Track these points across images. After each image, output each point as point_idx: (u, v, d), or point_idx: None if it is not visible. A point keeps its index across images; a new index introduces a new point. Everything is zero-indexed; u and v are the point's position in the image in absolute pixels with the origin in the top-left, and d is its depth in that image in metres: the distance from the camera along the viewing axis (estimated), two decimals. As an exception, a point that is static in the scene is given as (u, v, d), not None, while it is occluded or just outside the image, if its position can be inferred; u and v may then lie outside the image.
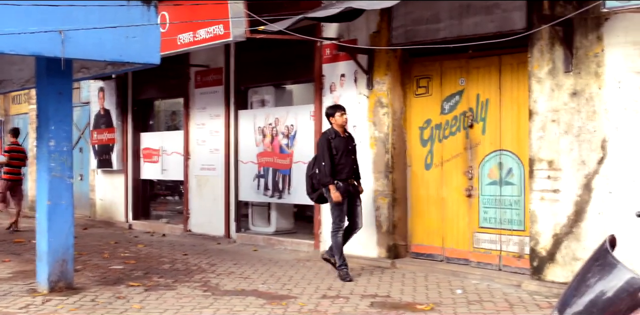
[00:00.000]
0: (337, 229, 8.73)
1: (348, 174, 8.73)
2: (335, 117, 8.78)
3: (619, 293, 2.30)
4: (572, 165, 7.68)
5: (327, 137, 8.76)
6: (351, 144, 8.89)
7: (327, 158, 8.62)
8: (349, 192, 8.72)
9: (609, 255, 2.39)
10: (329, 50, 10.35)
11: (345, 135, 8.88)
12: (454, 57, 9.08)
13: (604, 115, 7.44)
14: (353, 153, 8.87)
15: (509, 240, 8.62)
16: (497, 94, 8.73)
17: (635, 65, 7.21)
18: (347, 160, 8.75)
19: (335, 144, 8.70)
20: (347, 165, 8.73)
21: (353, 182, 8.80)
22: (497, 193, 8.73)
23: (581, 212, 7.61)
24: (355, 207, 8.81)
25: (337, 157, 8.68)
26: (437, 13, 9.04)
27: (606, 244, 2.45)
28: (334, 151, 8.68)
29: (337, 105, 9.14)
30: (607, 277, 2.35)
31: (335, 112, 8.81)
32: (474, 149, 8.96)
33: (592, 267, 2.46)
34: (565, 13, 7.52)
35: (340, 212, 8.68)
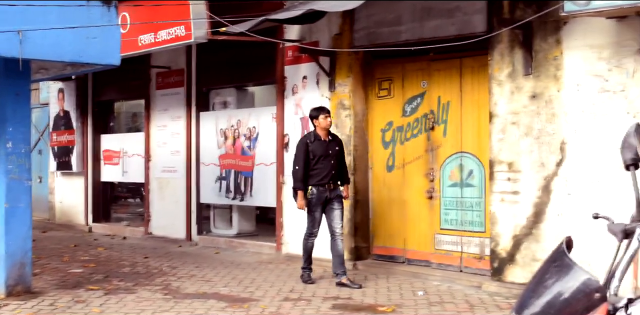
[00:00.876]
0: (309, 234, 8.63)
1: (324, 179, 8.45)
2: (319, 119, 8.53)
3: (576, 294, 2.32)
4: (532, 167, 7.75)
5: (305, 140, 8.61)
6: (333, 148, 8.58)
7: (300, 162, 8.46)
8: (325, 198, 8.47)
9: (565, 257, 2.41)
10: (291, 52, 10.34)
11: (328, 139, 8.60)
12: (416, 60, 9.12)
13: (563, 118, 7.52)
14: (335, 157, 8.57)
15: (469, 242, 8.68)
16: (458, 97, 8.79)
17: (593, 68, 7.30)
18: (326, 165, 8.47)
19: (312, 148, 8.48)
20: (324, 170, 8.45)
21: (331, 187, 8.50)
22: (458, 195, 8.78)
23: (540, 213, 7.68)
24: (333, 211, 8.53)
25: (313, 162, 8.46)
26: (399, 16, 9.07)
27: (563, 245, 2.47)
28: (311, 155, 8.47)
29: (321, 107, 8.84)
30: (564, 278, 2.37)
31: (319, 114, 8.56)
32: (435, 151, 9.01)
33: (549, 269, 2.48)
34: (525, 16, 7.59)
35: (313, 219, 8.53)
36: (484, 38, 7.89)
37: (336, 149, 8.64)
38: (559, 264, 2.42)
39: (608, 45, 7.20)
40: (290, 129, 10.34)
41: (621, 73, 7.10)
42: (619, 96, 7.12)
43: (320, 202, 8.47)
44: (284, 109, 10.43)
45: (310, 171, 8.47)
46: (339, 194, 8.61)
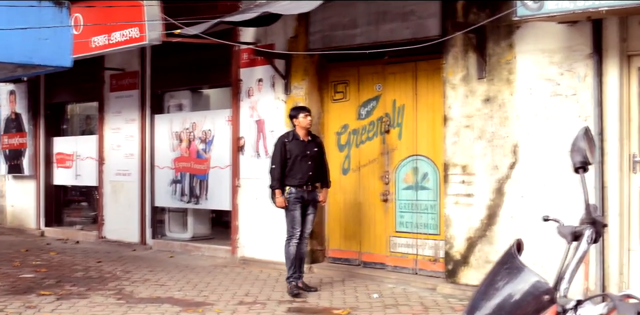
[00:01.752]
0: (290, 236, 8.25)
1: (302, 180, 8.19)
2: (299, 118, 8.27)
3: (525, 296, 2.33)
4: (486, 170, 7.82)
5: (282, 139, 8.33)
6: (311, 149, 8.32)
7: (277, 161, 8.19)
8: (302, 199, 8.21)
9: (515, 260, 2.43)
10: (246, 55, 10.30)
11: (307, 139, 8.35)
12: (371, 63, 9.15)
13: (516, 121, 7.60)
14: (313, 158, 8.30)
15: (424, 244, 8.72)
16: (413, 100, 8.84)
17: (545, 72, 7.40)
18: (303, 166, 8.20)
19: (290, 148, 8.22)
20: (300, 171, 8.19)
21: (309, 188, 8.27)
22: (413, 197, 8.83)
23: (494, 215, 7.76)
24: (307, 215, 8.30)
25: (290, 162, 8.19)
26: (354, 19, 9.10)
27: (513, 248, 2.48)
28: (288, 155, 8.20)
29: (302, 106, 8.72)
30: (514, 280, 2.39)
31: (299, 113, 8.31)
32: (390, 154, 9.04)
33: (500, 271, 2.50)
34: (478, 21, 7.67)
35: (293, 218, 8.21)
36: (438, 42, 7.95)
37: (315, 150, 8.37)
38: (510, 266, 2.43)
39: (560, 50, 7.31)
40: (246, 132, 10.30)
41: (572, 77, 7.21)
42: (570, 100, 7.22)
43: (299, 201, 8.18)
44: (239, 112, 10.39)
45: (288, 171, 8.20)
46: (315, 198, 8.34)
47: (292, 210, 8.21)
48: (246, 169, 10.29)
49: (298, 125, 8.33)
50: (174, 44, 9.68)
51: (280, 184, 8.19)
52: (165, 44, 9.46)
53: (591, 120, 7.04)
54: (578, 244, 2.51)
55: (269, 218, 9.84)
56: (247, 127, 10.30)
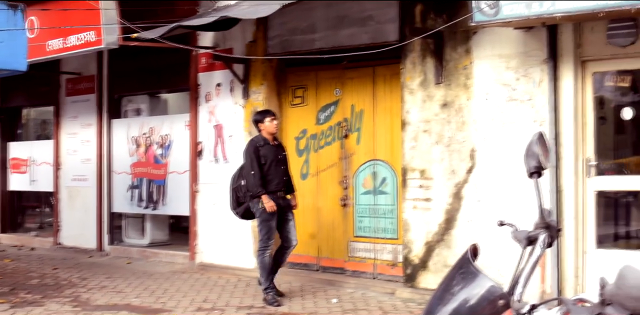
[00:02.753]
0: (264, 247, 7.90)
1: (278, 186, 7.95)
2: (265, 122, 8.01)
3: (481, 301, 2.34)
4: (443, 174, 7.87)
5: (255, 144, 8.00)
6: (281, 153, 8.13)
7: (256, 166, 7.83)
8: (278, 206, 7.89)
9: (471, 265, 2.44)
10: (204, 59, 10.24)
11: (275, 144, 8.15)
12: (330, 68, 9.16)
13: (473, 126, 7.66)
14: (283, 163, 8.13)
15: (383, 249, 8.74)
16: (371, 105, 8.86)
17: (501, 77, 7.47)
18: (277, 171, 7.98)
19: (263, 153, 7.94)
20: (276, 176, 7.96)
21: (283, 195, 8.06)
22: (372, 202, 8.84)
23: (452, 220, 7.80)
24: (287, 221, 8.02)
25: (265, 167, 7.91)
26: (313, 24, 9.10)
27: (468, 253, 2.49)
28: (262, 160, 7.91)
29: (267, 110, 8.46)
30: (470, 285, 2.40)
31: (265, 117, 8.05)
32: (349, 159, 9.05)
33: (455, 276, 2.50)
34: (436, 26, 7.72)
35: (269, 229, 7.87)
36: (396, 47, 7.98)
37: (284, 154, 8.22)
38: (465, 271, 2.44)
39: (516, 55, 7.38)
40: (204, 137, 10.23)
41: (528, 82, 7.29)
42: (526, 105, 7.30)
43: (275, 211, 7.88)
44: (198, 117, 10.32)
45: (264, 178, 7.91)
46: (289, 203, 8.14)
47: (269, 220, 7.86)
48: (205, 174, 10.23)
49: (264, 130, 8.07)
50: (132, 48, 9.58)
51: (264, 189, 7.82)
52: (123, 47, 9.37)
53: (547, 125, 7.12)
54: (532, 249, 2.53)
55: (227, 223, 9.79)
56: (205, 132, 10.24)
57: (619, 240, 7.77)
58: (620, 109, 7.32)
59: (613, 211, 7.84)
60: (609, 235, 7.57)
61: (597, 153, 7.16)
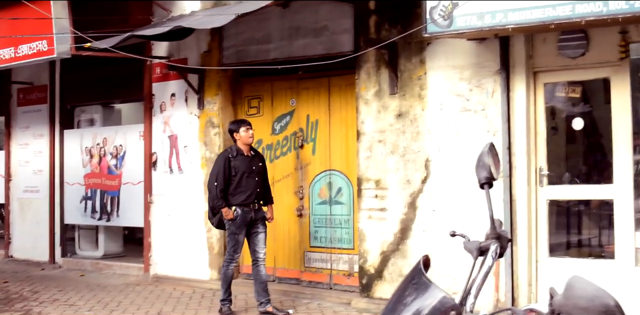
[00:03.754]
0: (229, 260, 7.82)
1: (249, 198, 7.74)
2: (240, 132, 7.82)
3: (433, 312, 2.35)
4: (398, 184, 7.90)
5: (226, 155, 7.82)
6: (256, 165, 7.92)
7: (220, 178, 7.67)
8: (250, 219, 7.75)
9: (422, 276, 2.44)
10: (159, 69, 10.17)
11: (251, 155, 7.93)
12: (285, 78, 9.15)
13: (428, 136, 7.71)
14: (259, 175, 7.92)
15: (339, 259, 8.74)
16: (326, 115, 8.87)
17: (455, 88, 7.53)
18: (250, 183, 7.76)
19: (235, 164, 7.74)
20: (248, 189, 7.73)
21: (257, 207, 7.85)
22: (327, 212, 8.84)
23: (407, 229, 7.83)
24: (257, 234, 7.84)
25: (236, 179, 7.71)
26: (268, 34, 9.10)
27: (420, 264, 2.50)
28: (233, 172, 7.72)
29: (242, 120, 8.27)
30: (422, 296, 2.40)
31: (240, 127, 7.85)
32: (304, 169, 9.05)
33: (408, 286, 2.51)
34: (390, 37, 7.76)
35: (236, 242, 7.72)
36: (350, 57, 8.00)
37: (259, 165, 8.00)
38: (417, 282, 2.45)
39: (469, 66, 7.45)
40: (158, 148, 10.14)
41: (481, 93, 7.36)
42: (479, 115, 7.36)
43: (245, 224, 7.72)
44: (152, 127, 10.23)
45: (234, 190, 7.72)
46: (263, 216, 7.94)
47: (237, 233, 7.73)
48: (159, 185, 10.13)
49: (239, 140, 7.88)
50: (85, 58, 9.48)
51: (225, 202, 7.68)
52: (76, 57, 9.26)
53: (500, 135, 7.20)
54: (484, 259, 2.54)
55: (182, 235, 9.73)
56: (160, 142, 10.15)
57: (571, 249, 7.88)
58: (571, 119, 7.43)
59: (565, 220, 7.95)
60: (561, 244, 7.67)
61: (549, 162, 7.25)
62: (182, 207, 9.81)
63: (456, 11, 6.59)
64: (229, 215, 7.66)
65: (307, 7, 8.67)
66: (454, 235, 2.82)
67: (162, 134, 10.12)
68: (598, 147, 7.68)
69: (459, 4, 6.54)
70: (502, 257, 2.58)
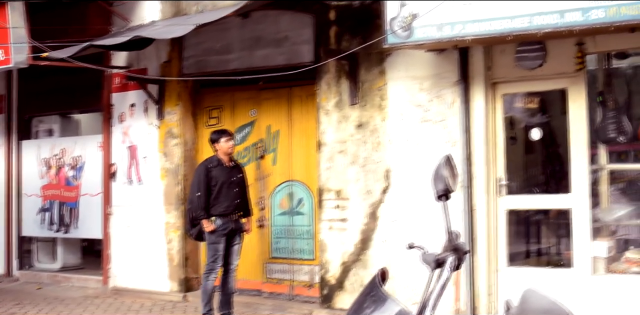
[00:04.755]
0: (209, 270, 7.69)
1: (228, 208, 7.70)
2: (220, 143, 7.80)
3: (391, 325, 2.34)
4: (359, 194, 7.90)
5: (206, 165, 7.78)
6: (236, 175, 7.88)
7: (202, 188, 7.61)
8: (229, 229, 7.71)
9: (379, 289, 2.43)
10: (118, 79, 10.08)
11: (231, 165, 7.89)
12: (246, 89, 9.12)
13: (388, 146, 7.73)
14: (239, 185, 7.88)
15: (300, 270, 8.71)
16: (287, 125, 8.86)
17: (415, 98, 7.57)
18: (229, 193, 7.72)
19: (215, 174, 7.70)
20: (228, 199, 7.70)
21: (235, 218, 7.81)
22: (289, 223, 8.82)
23: (367, 240, 7.83)
24: (233, 246, 7.80)
25: (216, 189, 7.67)
26: (229, 44, 9.07)
27: (377, 277, 2.49)
28: (213, 182, 7.66)
29: (223, 129, 8.22)
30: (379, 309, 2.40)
31: (220, 137, 7.83)
32: (265, 180, 9.02)
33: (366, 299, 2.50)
34: (350, 47, 7.78)
35: (215, 252, 7.64)
36: (311, 68, 8.00)
37: (239, 176, 7.95)
38: (374, 295, 2.44)
39: (429, 77, 7.50)
40: (118, 158, 10.04)
41: (441, 103, 7.41)
42: (439, 126, 7.41)
43: (225, 234, 7.68)
44: (111, 138, 10.13)
45: (214, 200, 7.66)
46: (241, 227, 7.90)
47: (217, 243, 7.65)
48: (118, 196, 10.03)
49: (219, 151, 7.84)
50: (42, 68, 9.35)
51: (207, 214, 7.63)
52: (33, 67, 9.12)
53: (459, 145, 7.24)
54: (441, 271, 2.54)
55: (142, 246, 9.63)
56: (119, 153, 10.05)
57: (530, 258, 7.95)
58: (530, 130, 7.51)
59: (524, 229, 8.02)
60: (520, 253, 7.73)
61: (508, 172, 7.31)
62: (142, 219, 9.71)
63: (416, 22, 6.64)
64: (209, 227, 7.58)
65: (268, 18, 8.67)
66: (412, 248, 2.82)
67: (122, 145, 10.02)
68: (556, 157, 7.77)
69: (419, 16, 6.59)
70: (459, 269, 2.59)
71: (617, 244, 6.98)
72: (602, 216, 6.94)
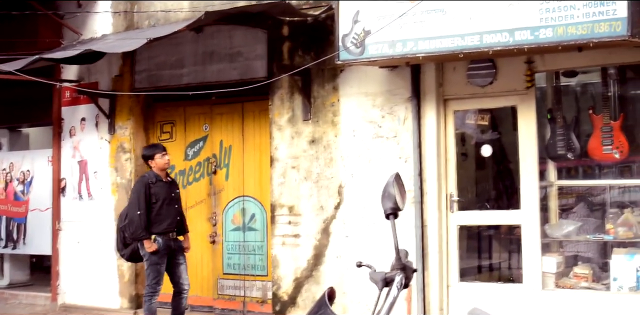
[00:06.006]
0: (151, 293, 7.41)
1: (170, 226, 7.43)
2: (155, 159, 7.48)
3: (338, 344, 2.32)
4: (312, 210, 7.89)
5: (145, 181, 7.44)
6: (174, 191, 7.63)
7: (143, 206, 7.29)
8: (169, 248, 7.44)
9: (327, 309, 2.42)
10: (69, 93, 9.95)
11: (168, 180, 7.64)
12: (198, 103, 9.07)
13: (341, 162, 7.74)
14: (178, 201, 7.68)
15: (252, 286, 8.66)
16: (240, 141, 8.83)
17: (368, 114, 7.60)
18: (170, 211, 7.46)
19: (155, 191, 7.40)
20: (169, 216, 7.44)
21: (174, 236, 7.52)
22: (241, 239, 8.76)
23: (320, 255, 7.81)
24: (178, 265, 7.50)
25: (157, 206, 7.37)
26: (182, 58, 9.02)
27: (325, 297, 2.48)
28: (153, 199, 7.37)
29: (156, 144, 8.02)
30: (328, 327, 2.38)
31: (155, 153, 7.51)
32: (217, 195, 8.96)
33: (314, 318, 2.49)
34: (303, 63, 7.79)
35: (157, 273, 7.35)
36: (264, 83, 7.99)
37: (177, 191, 7.73)
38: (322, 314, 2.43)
39: (381, 93, 7.54)
40: (67, 173, 9.90)
41: (393, 120, 7.45)
42: (391, 142, 7.44)
43: (166, 253, 7.38)
44: (61, 152, 9.99)
45: (155, 217, 7.37)
46: (181, 245, 7.62)
47: (160, 264, 7.36)
48: (68, 211, 9.87)
49: (155, 167, 7.54)
50: (-10, 81, 9.22)
51: (148, 233, 7.32)
52: (-21, 80, 8.99)
53: (411, 161, 7.28)
54: (389, 290, 2.54)
55: (92, 262, 9.48)
56: (69, 167, 9.91)
57: (481, 273, 8.00)
58: (481, 146, 7.58)
59: (475, 245, 8.08)
60: (471, 269, 7.78)
61: (459, 188, 7.37)
62: (92, 234, 9.57)
63: (368, 39, 6.68)
64: (152, 247, 7.29)
65: (221, 33, 8.64)
66: (360, 266, 2.82)
67: (72, 159, 9.88)
68: (507, 173, 7.86)
69: (371, 32, 6.63)
70: (407, 287, 2.59)
71: (565, 259, 7.06)
72: (551, 232, 7.02)
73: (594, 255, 7.16)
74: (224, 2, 8.41)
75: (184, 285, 7.55)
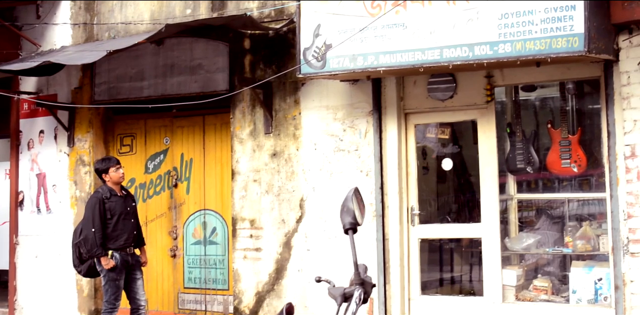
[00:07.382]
0: (111, 309, 7.21)
1: (127, 241, 7.27)
2: (109, 173, 7.28)
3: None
4: (273, 223, 7.86)
5: (99, 196, 7.23)
6: (130, 205, 7.46)
7: (97, 223, 7.08)
8: (127, 263, 7.26)
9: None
10: (27, 105, 9.81)
11: (123, 194, 7.44)
12: (159, 116, 9.01)
13: (302, 176, 7.73)
14: (134, 215, 7.48)
15: (213, 300, 8.58)
16: (201, 154, 8.78)
17: (329, 128, 7.60)
18: (126, 225, 7.28)
19: (110, 206, 7.21)
20: (125, 231, 7.26)
21: (131, 251, 7.37)
22: (202, 253, 8.70)
23: (282, 269, 7.78)
24: (135, 281, 7.34)
25: (112, 222, 7.19)
26: (142, 71, 8.95)
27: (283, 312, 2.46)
28: (108, 214, 7.18)
29: (109, 157, 7.77)
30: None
31: (109, 167, 7.30)
32: (178, 209, 8.89)
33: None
34: (265, 76, 7.79)
35: (116, 289, 7.17)
36: (225, 96, 7.96)
37: (133, 205, 7.55)
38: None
39: (343, 107, 7.55)
40: (25, 186, 9.75)
41: (354, 133, 7.46)
42: (352, 155, 7.45)
43: (124, 268, 7.22)
44: (19, 165, 9.83)
45: (111, 233, 7.18)
46: (138, 260, 7.46)
47: (117, 279, 7.18)
48: (26, 225, 9.72)
49: (109, 181, 7.34)
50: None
51: (104, 250, 7.12)
52: None
53: (372, 174, 7.30)
54: (348, 305, 2.53)
55: (50, 277, 9.33)
56: (27, 180, 9.76)
57: (443, 286, 8.03)
58: (442, 159, 7.63)
59: (437, 258, 8.11)
60: (433, 282, 7.81)
61: (420, 202, 7.40)
62: (50, 249, 9.42)
63: (329, 53, 6.70)
64: (109, 264, 7.11)
65: (182, 45, 8.60)
66: (319, 281, 2.81)
67: (30, 172, 9.74)
68: (467, 187, 7.92)
69: (332, 46, 6.65)
70: (366, 303, 2.58)
71: (525, 272, 7.12)
72: (511, 245, 7.08)
73: (553, 268, 7.23)
74: (185, 15, 8.39)
75: (141, 301, 7.40)
